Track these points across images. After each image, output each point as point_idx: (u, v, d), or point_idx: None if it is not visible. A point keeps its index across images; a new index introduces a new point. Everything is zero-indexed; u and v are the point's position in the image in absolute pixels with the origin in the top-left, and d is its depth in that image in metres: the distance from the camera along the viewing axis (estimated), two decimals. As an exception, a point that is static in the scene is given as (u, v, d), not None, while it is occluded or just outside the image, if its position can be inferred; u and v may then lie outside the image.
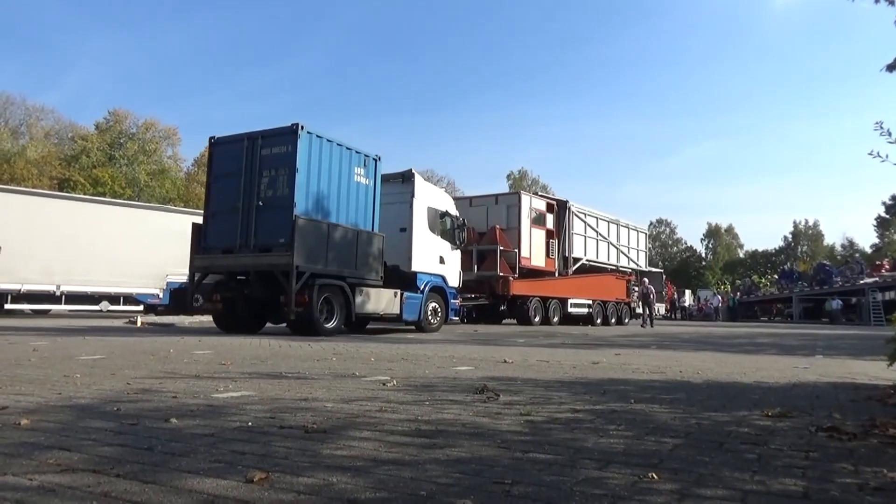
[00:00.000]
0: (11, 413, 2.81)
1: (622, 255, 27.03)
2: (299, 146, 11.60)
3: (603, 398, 3.74)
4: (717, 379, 5.05)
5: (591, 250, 24.72)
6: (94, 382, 4.03)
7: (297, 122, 11.74)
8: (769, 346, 10.82)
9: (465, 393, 3.82)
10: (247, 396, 3.54)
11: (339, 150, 12.75)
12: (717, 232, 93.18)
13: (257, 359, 6.15)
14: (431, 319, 14.67)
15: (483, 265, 19.86)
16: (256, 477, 1.83)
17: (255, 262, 11.90)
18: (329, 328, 11.92)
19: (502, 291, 20.04)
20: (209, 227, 12.55)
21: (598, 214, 25.49)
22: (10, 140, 45.33)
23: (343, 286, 12.28)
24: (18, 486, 1.74)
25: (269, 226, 11.79)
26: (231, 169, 12.35)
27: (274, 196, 11.81)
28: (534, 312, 20.74)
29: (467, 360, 6.36)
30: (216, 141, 12.94)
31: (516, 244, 20.64)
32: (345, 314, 12.32)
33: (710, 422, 3.00)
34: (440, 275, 15.10)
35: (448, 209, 15.67)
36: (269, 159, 12.02)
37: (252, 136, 12.27)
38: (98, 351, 6.68)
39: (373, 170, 13.63)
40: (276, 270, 11.46)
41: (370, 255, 13.16)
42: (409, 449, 2.28)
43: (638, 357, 7.43)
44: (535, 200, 22.63)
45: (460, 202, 19.71)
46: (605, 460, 2.15)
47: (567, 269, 23.30)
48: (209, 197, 12.88)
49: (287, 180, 11.67)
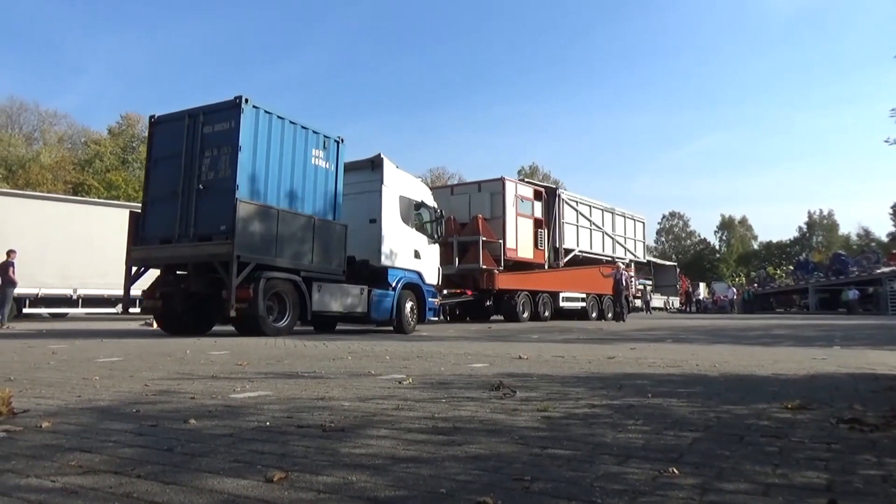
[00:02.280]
0: (33, 416, 2.84)
1: (618, 246, 25.70)
2: (242, 121, 10.31)
3: (620, 393, 3.72)
4: (735, 372, 5.00)
5: (584, 240, 23.35)
6: (112, 384, 4.07)
7: (241, 95, 10.42)
8: (786, 338, 10.72)
9: (481, 390, 3.81)
10: (264, 396, 3.55)
11: (293, 128, 11.42)
12: (731, 224, 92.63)
13: (273, 359, 6.18)
14: (409, 319, 13.51)
15: (465, 258, 18.51)
16: (276, 476, 1.84)
17: (193, 253, 10.62)
18: (278, 327, 10.75)
19: (486, 286, 18.66)
20: (147, 215, 11.34)
21: (591, 202, 24.20)
22: (24, 146, 45.84)
23: (296, 280, 11.08)
24: (41, 487, 1.76)
25: (210, 212, 10.50)
26: (172, 150, 11.05)
27: (215, 178, 10.52)
28: (522, 308, 19.48)
29: (482, 357, 6.35)
30: (157, 119, 11.65)
31: (501, 234, 19.17)
32: (298, 312, 11.16)
33: (729, 415, 2.98)
34: (415, 270, 13.95)
35: (424, 199, 14.54)
36: (211, 137, 10.71)
37: (193, 112, 11.02)
38: (116, 353, 6.74)
39: (334, 153, 12.31)
40: (215, 261, 10.26)
41: (330, 247, 11.92)
42: (426, 446, 2.28)
43: (654, 351, 7.39)
44: (521, 187, 20.91)
45: (441, 191, 18.74)
46: (624, 455, 2.14)
47: (558, 260, 21.87)
48: (148, 182, 11.66)
49: (229, 160, 10.37)
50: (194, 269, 10.89)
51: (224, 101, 10.76)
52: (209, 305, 10.91)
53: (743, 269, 79.68)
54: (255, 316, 10.31)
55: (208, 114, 10.91)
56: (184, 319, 11.21)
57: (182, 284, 11.08)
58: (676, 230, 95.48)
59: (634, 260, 27.45)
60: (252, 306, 10.22)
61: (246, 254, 10.20)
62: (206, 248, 10.45)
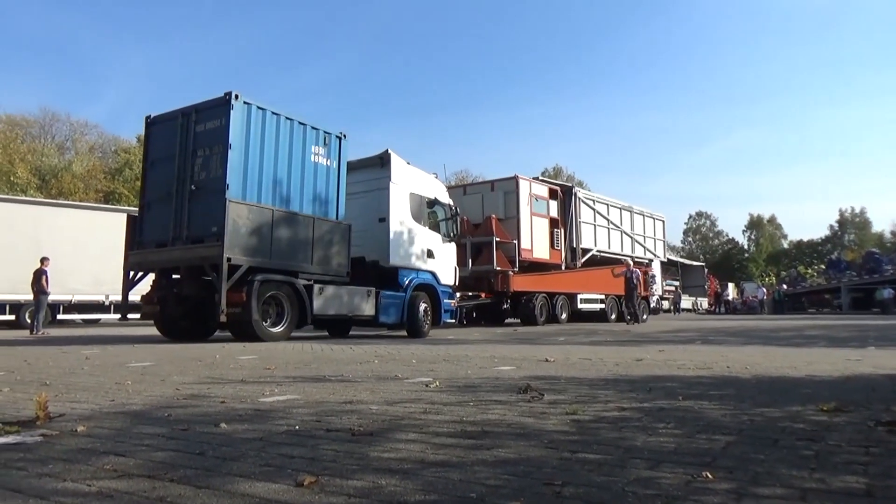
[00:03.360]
0: (68, 420, 2.90)
1: (637, 245, 24.93)
2: (233, 119, 9.93)
3: (649, 396, 3.67)
4: (767, 373, 4.91)
5: (601, 240, 22.60)
6: (144, 389, 4.13)
7: (231, 91, 10.03)
8: (819, 339, 10.51)
9: (508, 393, 3.80)
10: (292, 400, 3.58)
11: (290, 125, 10.97)
12: (760, 223, 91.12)
13: (300, 363, 6.22)
14: (423, 322, 12.98)
15: (479, 259, 17.92)
16: (306, 480, 1.85)
17: (186, 256, 10.26)
18: (275, 332, 10.33)
19: (501, 288, 18.00)
20: (144, 218, 11.09)
21: (608, 201, 23.58)
22: (56, 156, 46.83)
23: (294, 283, 10.68)
24: (78, 491, 1.79)
25: (202, 213, 10.15)
26: (167, 151, 10.77)
27: (207, 178, 10.18)
28: (540, 311, 18.79)
29: (508, 360, 6.33)
30: (152, 120, 11.28)
31: (515, 235, 18.54)
32: (297, 316, 10.74)
33: (762, 418, 2.92)
34: (429, 271, 13.41)
35: (438, 196, 13.96)
36: (203, 136, 10.37)
37: (186, 111, 10.69)
38: (147, 358, 6.85)
39: (336, 149, 11.81)
40: (205, 264, 9.89)
41: (332, 248, 11.45)
42: (455, 450, 2.27)
43: (682, 353, 7.30)
44: (536, 186, 20.13)
45: (453, 191, 18.07)
46: (655, 459, 2.11)
47: (575, 261, 21.10)
48: (144, 184, 11.42)
49: (220, 159, 10.00)
50: (187, 273, 10.61)
51: (215, 97, 10.38)
52: (204, 310, 10.47)
53: (773, 269, 78.32)
54: (248, 320, 9.89)
55: (200, 111, 10.58)
56: (181, 324, 10.91)
57: (175, 289, 10.82)
58: (703, 230, 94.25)
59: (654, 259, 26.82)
60: (245, 310, 9.82)
61: (237, 256, 9.82)
62: (197, 250, 10.10)
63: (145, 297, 11.13)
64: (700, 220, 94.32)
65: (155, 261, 10.87)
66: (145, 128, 11.49)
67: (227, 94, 10.10)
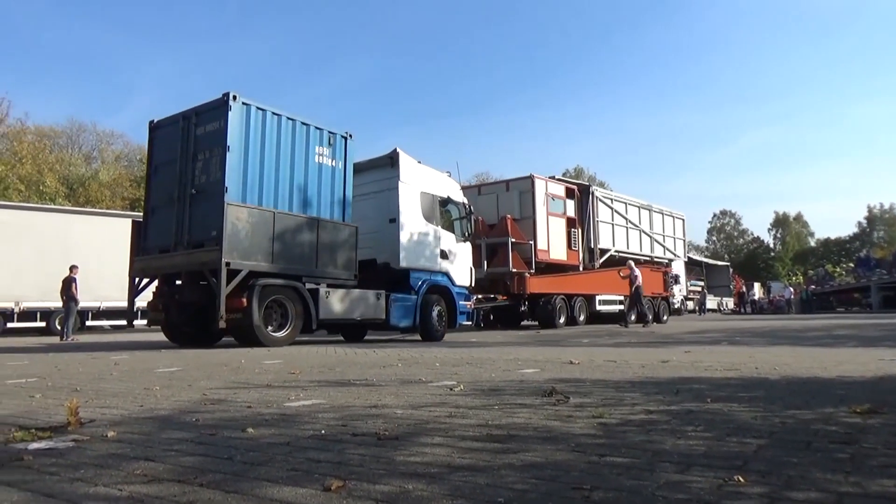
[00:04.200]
0: (98, 425, 2.94)
1: (657, 245, 24.46)
2: (230, 120, 9.77)
3: (677, 398, 3.63)
4: (797, 374, 4.83)
5: (620, 240, 22.23)
6: (172, 394, 4.18)
7: (229, 92, 9.84)
8: (848, 339, 10.30)
9: (533, 396, 3.77)
10: (318, 405, 3.59)
11: (291, 125, 10.76)
12: (786, 221, 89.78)
13: (325, 367, 6.25)
14: (437, 325, 12.72)
15: (494, 261, 17.48)
16: (334, 485, 1.85)
17: (186, 261, 10.18)
18: (277, 337, 10.16)
19: (517, 290, 17.58)
20: (148, 224, 11.06)
21: (626, 199, 23.20)
22: (83, 165, 47.64)
23: (298, 287, 10.47)
24: (109, 496, 1.81)
25: (202, 217, 10.01)
26: (169, 155, 10.69)
27: (207, 182, 10.04)
28: (558, 313, 18.33)
29: (532, 363, 6.30)
30: (156, 124, 11.22)
31: (531, 235, 18.16)
32: (302, 320, 10.51)
33: (793, 420, 2.86)
34: (443, 272, 13.11)
35: (451, 195, 13.65)
36: (203, 139, 10.25)
37: (187, 114, 10.57)
38: (174, 363, 6.94)
39: (341, 150, 11.56)
40: (205, 269, 9.75)
41: (338, 250, 11.24)
42: (482, 454, 2.26)
43: (709, 354, 7.20)
44: (552, 185, 19.68)
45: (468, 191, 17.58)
46: (685, 463, 2.08)
47: (593, 261, 20.68)
48: (149, 189, 11.33)
49: (219, 162, 9.84)
50: (187, 279, 10.51)
51: (214, 99, 10.20)
52: (207, 316, 10.16)
53: (800, 268, 77.00)
54: (250, 325, 9.73)
55: (200, 114, 10.44)
56: (185, 331, 10.83)
57: (176, 295, 10.70)
58: (728, 229, 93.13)
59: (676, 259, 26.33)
60: (247, 316, 9.63)
61: (237, 260, 9.63)
62: (197, 255, 9.96)
63: (151, 303, 11.08)
64: (724, 219, 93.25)
65: (158, 267, 10.80)
66: (149, 132, 11.40)
67: (225, 94, 9.91)
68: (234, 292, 9.58)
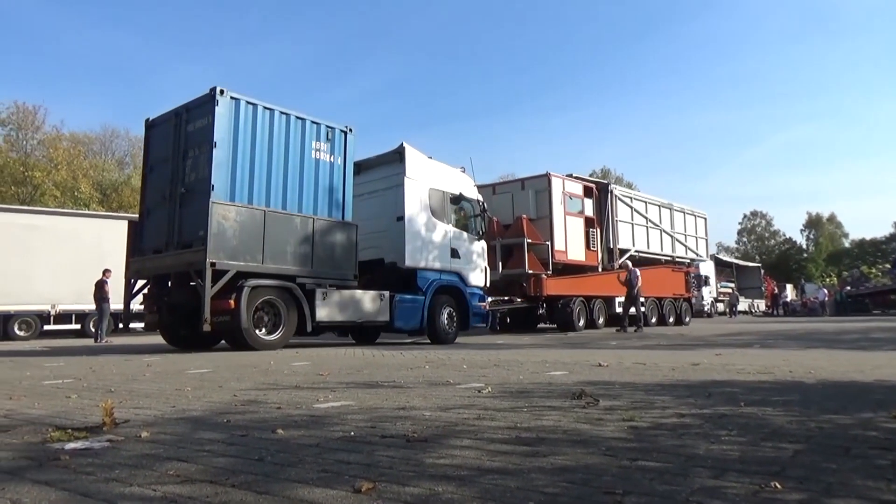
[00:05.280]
0: (132, 426, 2.98)
1: (678, 244, 23.58)
2: (217, 115, 9.44)
3: (709, 401, 3.57)
4: (833, 378, 4.72)
5: (640, 239, 21.35)
6: (203, 395, 4.23)
7: (216, 86, 9.50)
8: (886, 342, 10.04)
9: (562, 398, 3.74)
10: (346, 406, 3.61)
11: (286, 119, 10.36)
12: (819, 221, 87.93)
13: (353, 369, 6.28)
14: (447, 327, 12.26)
15: (509, 262, 16.82)
16: (364, 487, 1.85)
17: (174, 262, 9.90)
18: (269, 341, 9.80)
19: (534, 292, 16.88)
20: (144, 224, 10.80)
21: (646, 198, 22.54)
22: (116, 170, 48.57)
23: (291, 288, 10.08)
24: (144, 496, 1.84)
25: (191, 216, 9.69)
26: (164, 153, 10.40)
27: (196, 180, 9.73)
28: (577, 315, 17.57)
29: (560, 365, 6.25)
30: (151, 122, 10.93)
31: (548, 236, 17.38)
32: (296, 323, 10.15)
33: (831, 425, 2.80)
34: (454, 272, 12.61)
35: (463, 191, 13.10)
36: (193, 136, 9.94)
37: (179, 111, 10.27)
38: (205, 365, 7.03)
39: (340, 144, 11.11)
40: (191, 270, 9.45)
41: (335, 249, 10.81)
42: (511, 457, 2.24)
43: (741, 357, 7.07)
44: (569, 183, 18.84)
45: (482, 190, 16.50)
46: (719, 468, 2.04)
47: (612, 262, 19.85)
48: (144, 189, 11.09)
49: (206, 159, 9.50)
50: (176, 280, 10.25)
51: (203, 94, 9.86)
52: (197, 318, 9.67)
53: (834, 269, 75.30)
54: (238, 328, 9.39)
55: (191, 110, 10.13)
56: (180, 333, 10.55)
57: (166, 297, 10.46)
58: (759, 230, 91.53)
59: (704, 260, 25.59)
60: (235, 318, 9.28)
61: (223, 260, 9.28)
62: (185, 256, 9.64)
63: (145, 306, 10.85)
64: (755, 219, 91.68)
65: (151, 268, 10.55)
66: (145, 131, 11.17)
67: (212, 89, 9.58)
68: (221, 294, 9.26)
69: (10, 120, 39.86)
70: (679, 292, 22.76)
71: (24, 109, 40.20)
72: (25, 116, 40.30)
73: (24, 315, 19.42)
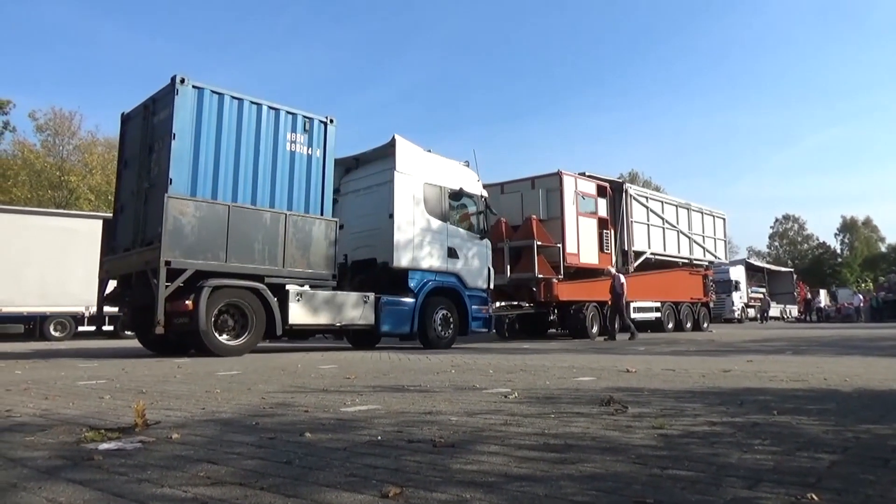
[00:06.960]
0: (164, 427, 3.03)
1: (696, 246, 22.47)
2: (177, 106, 8.88)
3: (741, 409, 3.50)
4: (870, 386, 4.59)
5: (656, 241, 20.37)
6: (232, 397, 4.28)
7: (176, 75, 9.01)
8: (925, 349, 9.77)
9: (590, 405, 3.70)
10: (373, 410, 3.62)
11: (256, 110, 9.73)
12: (854, 225, 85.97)
13: (379, 372, 6.30)
14: (440, 332, 11.58)
15: (518, 266, 15.89)
16: (391, 492, 1.85)
17: (136, 261, 9.35)
18: (232, 346, 9.19)
19: (544, 297, 16.04)
20: (117, 222, 10.33)
21: (663, 198, 21.85)
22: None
23: (258, 288, 9.40)
24: (175, 497, 1.86)
25: (152, 213, 9.14)
26: (135, 148, 9.95)
27: (158, 174, 9.18)
28: (591, 322, 16.74)
29: (587, 371, 6.19)
30: (126, 116, 10.43)
31: (559, 237, 16.44)
32: (265, 326, 9.49)
33: (869, 435, 2.72)
34: (451, 272, 11.92)
35: (464, 187, 12.31)
36: (157, 128, 9.46)
37: (147, 102, 9.78)
38: (234, 367, 7.11)
39: (320, 136, 10.42)
40: (147, 269, 8.89)
41: (310, 248, 10.10)
42: (539, 464, 2.22)
43: (773, 364, 6.94)
44: (582, 182, 17.84)
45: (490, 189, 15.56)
46: (753, 478, 2.00)
47: (627, 265, 18.91)
48: (118, 185, 10.57)
49: (166, 152, 8.95)
50: (137, 280, 9.57)
51: (166, 84, 9.32)
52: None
53: (869, 274, 73.57)
54: (196, 331, 8.79)
55: (157, 101, 9.59)
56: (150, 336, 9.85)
57: (127, 298, 9.95)
58: (791, 234, 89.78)
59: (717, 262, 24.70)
60: (193, 321, 8.70)
61: (180, 259, 8.72)
62: (144, 254, 9.12)
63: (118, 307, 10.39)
64: (787, 223, 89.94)
65: (119, 267, 10.04)
66: (121, 125, 10.69)
67: (173, 78, 9.07)
68: (178, 294, 8.73)
69: (47, 126, 40.88)
70: (697, 296, 21.84)
71: (60, 115, 41.21)
72: (62, 122, 41.29)
73: (59, 316, 19.89)
